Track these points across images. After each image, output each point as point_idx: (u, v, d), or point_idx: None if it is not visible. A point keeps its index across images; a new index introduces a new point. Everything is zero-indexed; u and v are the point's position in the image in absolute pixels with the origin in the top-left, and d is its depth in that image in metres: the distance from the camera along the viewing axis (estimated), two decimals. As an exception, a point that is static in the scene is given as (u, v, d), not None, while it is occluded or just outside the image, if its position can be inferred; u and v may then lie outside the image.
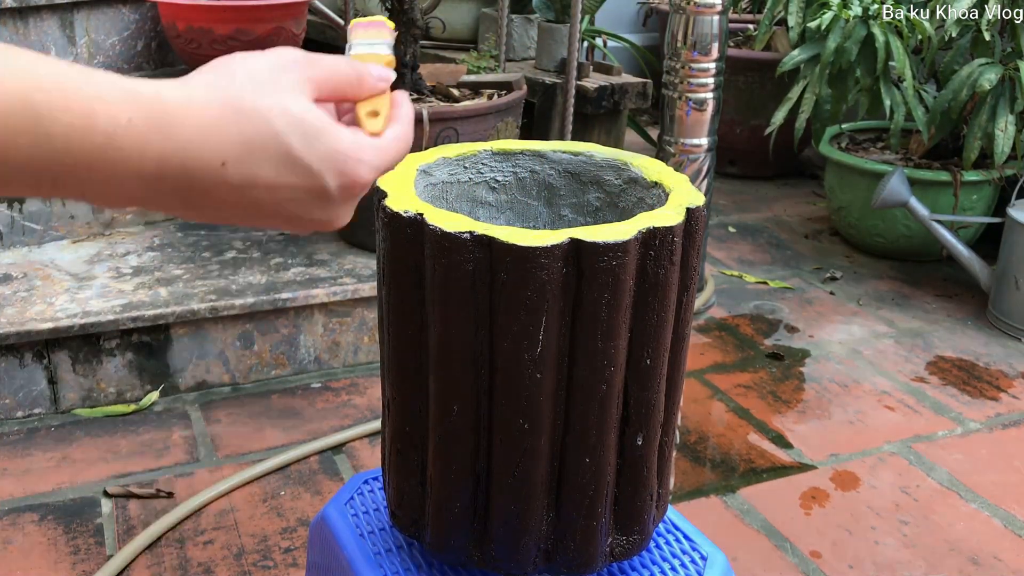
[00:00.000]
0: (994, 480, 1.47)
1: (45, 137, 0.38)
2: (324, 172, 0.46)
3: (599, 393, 0.68)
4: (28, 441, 1.49)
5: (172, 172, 0.42)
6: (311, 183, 0.46)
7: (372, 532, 0.85)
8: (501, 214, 0.85)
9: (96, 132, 0.39)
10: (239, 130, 0.43)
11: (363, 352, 1.75)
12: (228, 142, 0.43)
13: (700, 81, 1.83)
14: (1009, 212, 1.93)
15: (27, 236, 1.80)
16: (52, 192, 0.41)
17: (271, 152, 0.44)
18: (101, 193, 0.42)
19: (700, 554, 0.84)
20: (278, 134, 0.44)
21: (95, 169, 0.40)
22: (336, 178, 0.46)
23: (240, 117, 0.43)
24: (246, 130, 0.43)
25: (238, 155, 0.43)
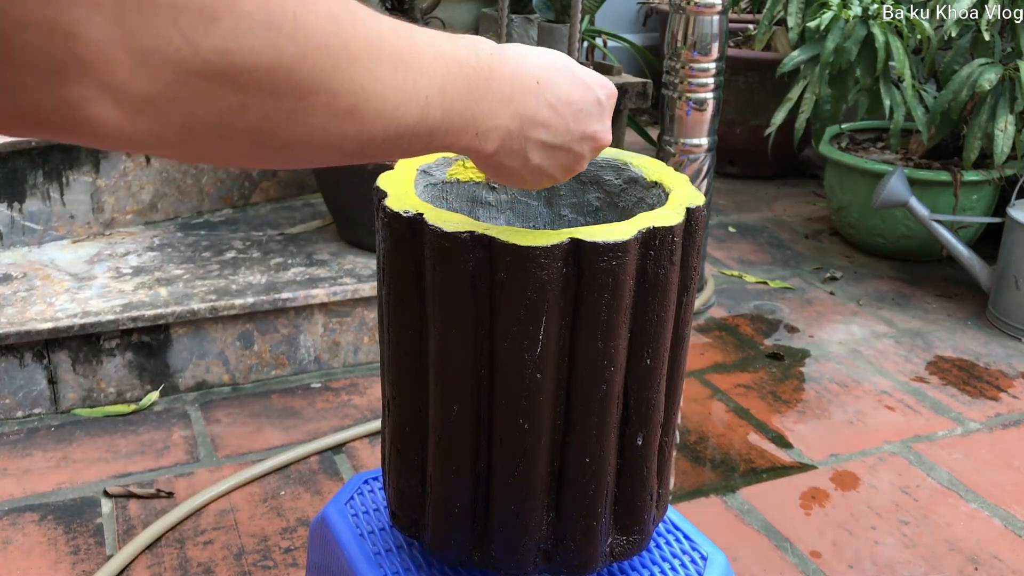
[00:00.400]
0: (994, 480, 1.47)
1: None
2: (595, 86, 0.62)
3: (599, 393, 0.68)
4: (28, 441, 1.49)
5: (515, 91, 0.57)
6: (590, 95, 0.61)
7: (372, 532, 0.85)
8: (501, 214, 0.85)
9: (480, 70, 0.54)
10: (540, 60, 0.59)
11: (363, 352, 1.75)
12: (536, 66, 0.58)
13: (700, 81, 1.83)
14: (1009, 212, 1.93)
15: (27, 236, 1.80)
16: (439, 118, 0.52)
17: (563, 72, 0.60)
18: (487, 111, 0.55)
19: (700, 554, 0.84)
20: (563, 59, 0.61)
21: (489, 96, 0.55)
22: (602, 90, 0.63)
23: (538, 51, 0.60)
24: (544, 59, 0.60)
25: (545, 75, 0.58)
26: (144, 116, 0.36)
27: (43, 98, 0.34)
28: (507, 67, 0.55)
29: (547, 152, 0.60)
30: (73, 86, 0.34)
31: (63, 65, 0.33)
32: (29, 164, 1.76)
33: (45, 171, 1.78)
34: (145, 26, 0.34)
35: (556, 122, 0.59)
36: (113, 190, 1.87)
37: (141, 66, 0.35)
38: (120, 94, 0.35)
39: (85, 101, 0.34)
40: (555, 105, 0.59)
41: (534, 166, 0.60)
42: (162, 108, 0.36)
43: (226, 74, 0.37)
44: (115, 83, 0.34)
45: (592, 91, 0.61)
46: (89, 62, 0.33)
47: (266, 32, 0.38)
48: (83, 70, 0.34)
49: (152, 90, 0.35)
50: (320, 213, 2.02)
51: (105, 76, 0.34)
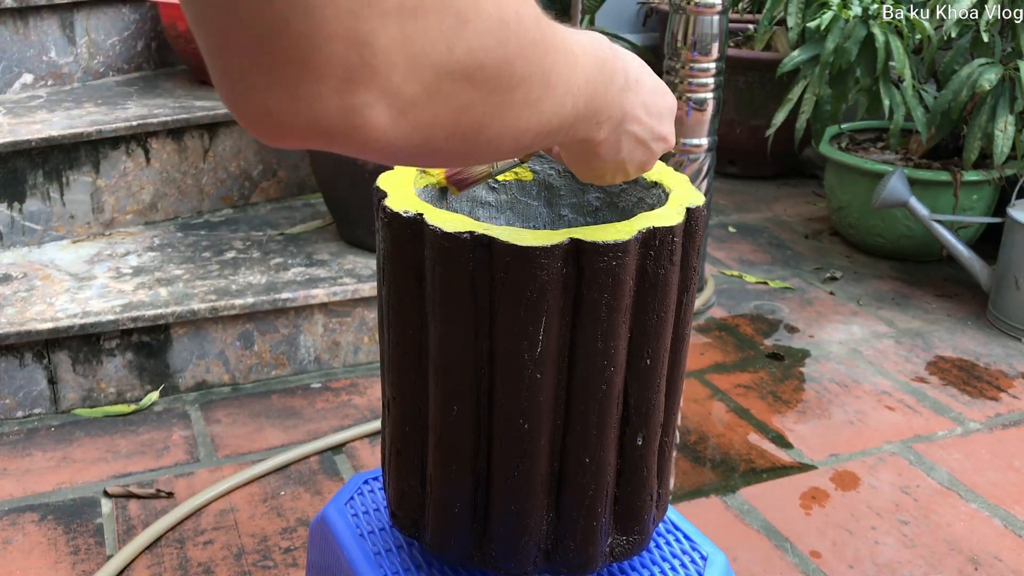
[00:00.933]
0: (994, 480, 1.47)
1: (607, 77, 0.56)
2: (667, 92, 0.66)
3: (599, 393, 0.68)
4: (28, 441, 1.49)
5: (627, 86, 0.60)
6: (667, 100, 0.66)
7: (372, 532, 0.85)
8: (501, 214, 0.85)
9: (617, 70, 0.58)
10: (633, 60, 0.62)
11: (363, 352, 1.75)
12: (634, 65, 0.61)
13: (700, 81, 1.83)
14: (1009, 212, 1.93)
15: (27, 236, 1.80)
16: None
17: (648, 75, 0.64)
18: (609, 102, 0.57)
19: (700, 554, 0.84)
20: (644, 64, 0.64)
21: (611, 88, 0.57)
22: (671, 98, 0.67)
23: (627, 52, 0.62)
24: (634, 60, 0.62)
25: (640, 75, 0.62)
26: (405, 119, 0.38)
27: (332, 106, 0.35)
28: (619, 61, 0.58)
29: (634, 147, 0.63)
30: (359, 93, 0.35)
31: (356, 74, 0.35)
32: (29, 164, 1.76)
33: (45, 171, 1.78)
34: (418, 31, 0.36)
35: (646, 120, 0.63)
36: (113, 190, 1.87)
37: (412, 70, 0.36)
38: (394, 98, 0.36)
39: (367, 107, 0.36)
40: (647, 104, 0.63)
41: (620, 159, 0.63)
42: (419, 110, 0.38)
43: (468, 72, 0.39)
44: (392, 88, 0.36)
45: (667, 97, 0.66)
46: (376, 69, 0.35)
47: (499, 29, 0.39)
48: (370, 77, 0.35)
49: (416, 93, 0.37)
50: (320, 213, 2.02)
51: (386, 81, 0.36)
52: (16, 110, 1.91)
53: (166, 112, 1.91)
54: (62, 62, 2.09)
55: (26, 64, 2.04)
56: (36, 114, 1.88)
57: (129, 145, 1.86)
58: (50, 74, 2.08)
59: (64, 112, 1.89)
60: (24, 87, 2.05)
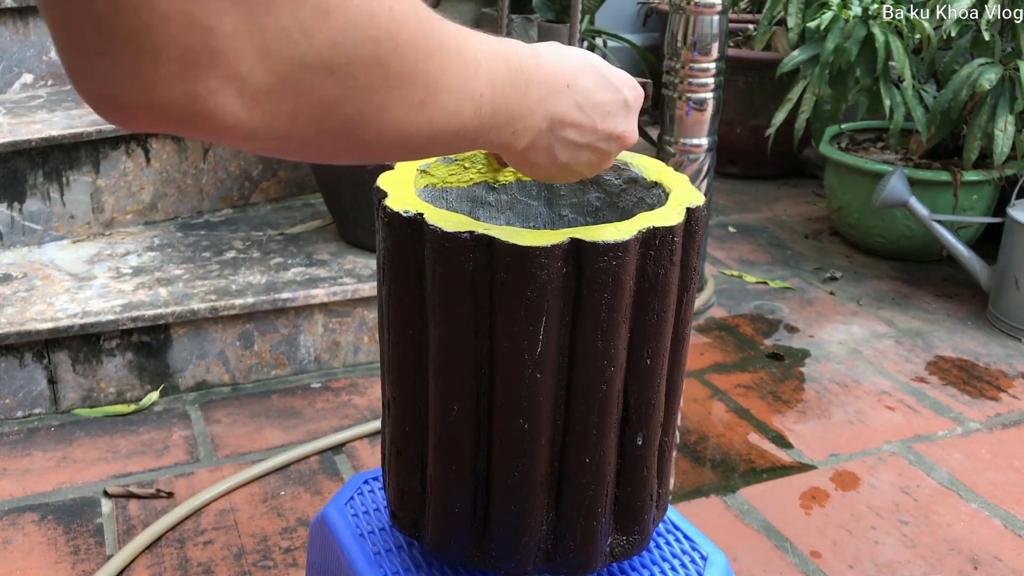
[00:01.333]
0: (994, 480, 1.47)
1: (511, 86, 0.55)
2: (622, 87, 0.64)
3: (599, 393, 0.68)
4: (28, 441, 1.49)
5: (548, 93, 0.59)
6: (619, 96, 0.64)
7: (372, 532, 0.85)
8: (501, 214, 0.85)
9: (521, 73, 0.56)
10: (572, 62, 0.61)
11: (363, 352, 1.75)
12: (568, 68, 0.60)
13: (700, 81, 1.83)
14: (1009, 212, 1.93)
15: (27, 236, 1.80)
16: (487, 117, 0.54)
17: (592, 74, 0.62)
18: (525, 110, 0.57)
19: (700, 554, 0.84)
20: (593, 61, 0.63)
21: (528, 96, 0.57)
22: (630, 91, 0.65)
23: (568, 52, 0.62)
24: (576, 62, 0.62)
25: (575, 77, 0.61)
26: (259, 108, 0.37)
27: (175, 90, 0.35)
28: (543, 69, 0.58)
29: (575, 150, 0.63)
30: (204, 78, 0.35)
31: (198, 57, 0.35)
32: (29, 164, 1.76)
33: (45, 171, 1.78)
34: (270, 20, 0.36)
35: (584, 122, 0.62)
36: (113, 190, 1.87)
37: (263, 58, 0.36)
38: (243, 86, 0.36)
39: (212, 93, 0.36)
40: (583, 106, 0.61)
41: (562, 163, 0.63)
42: (275, 100, 0.38)
43: (332, 66, 0.39)
44: (240, 75, 0.36)
45: (619, 92, 0.64)
46: (220, 54, 0.35)
47: (369, 25, 0.39)
48: (214, 62, 0.35)
49: (269, 82, 0.37)
50: (320, 213, 2.02)
51: (232, 68, 0.36)
52: (16, 110, 1.91)
53: (166, 112, 1.90)
54: (62, 62, 2.09)
55: (26, 64, 2.04)
56: (36, 114, 1.88)
57: (129, 145, 1.86)
58: (50, 74, 2.08)
59: (64, 112, 1.89)
60: (24, 87, 2.05)
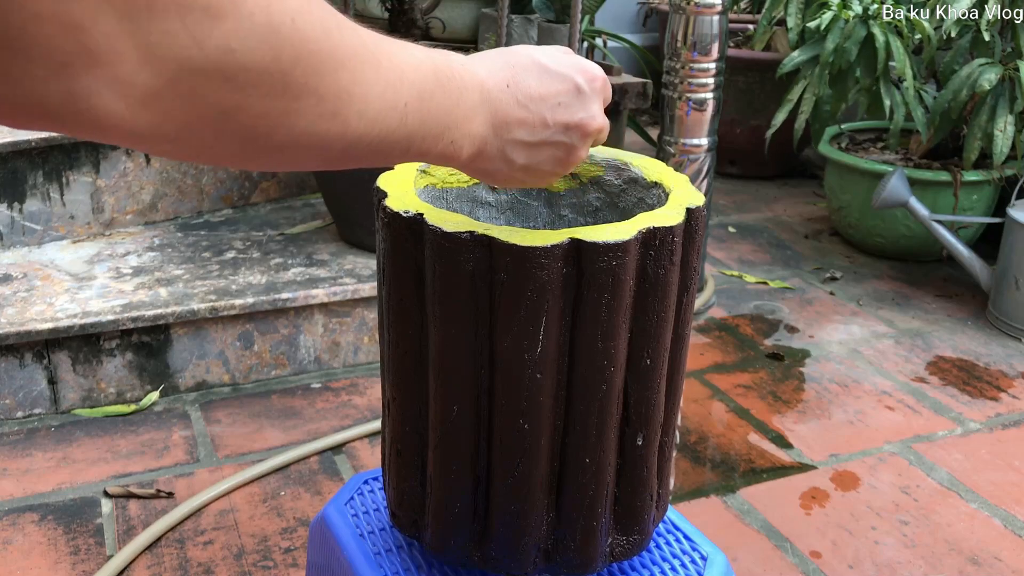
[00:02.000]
0: (994, 480, 1.47)
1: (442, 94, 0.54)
2: (573, 74, 0.61)
3: (599, 393, 0.68)
4: (28, 441, 1.49)
5: (485, 97, 0.58)
6: (567, 85, 0.61)
7: (372, 532, 0.85)
8: (501, 214, 0.85)
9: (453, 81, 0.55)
10: (508, 62, 0.60)
11: (363, 352, 1.75)
12: (505, 69, 0.59)
13: (700, 81, 1.83)
14: (1009, 212, 1.93)
15: (27, 236, 1.80)
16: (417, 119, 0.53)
17: (532, 70, 0.60)
18: (461, 118, 0.55)
19: (700, 554, 0.84)
20: (534, 55, 0.61)
21: (462, 103, 0.55)
22: (582, 75, 0.61)
23: (507, 53, 0.61)
24: (512, 60, 0.60)
25: (514, 76, 0.59)
26: (147, 110, 0.37)
27: (52, 90, 0.35)
28: (477, 76, 0.57)
29: (531, 150, 0.60)
30: (81, 78, 0.35)
31: (73, 57, 0.34)
32: (29, 164, 1.76)
33: (45, 171, 1.78)
34: (153, 22, 0.35)
35: (531, 119, 0.59)
36: (113, 190, 1.87)
37: (147, 61, 0.36)
38: (125, 87, 0.36)
39: (92, 93, 0.35)
40: (525, 103, 0.59)
41: (522, 166, 0.61)
42: (165, 103, 0.37)
43: (227, 72, 0.38)
44: (121, 76, 0.35)
45: (567, 81, 0.61)
46: (97, 55, 0.34)
47: (267, 34, 0.39)
48: (91, 63, 0.34)
49: (156, 85, 0.36)
50: (320, 213, 2.02)
51: (112, 69, 0.35)
52: (16, 110, 1.90)
53: (166, 112, 1.90)
54: (62, 62, 2.09)
55: (26, 64, 2.04)
56: (36, 114, 1.88)
57: (129, 145, 1.86)
58: (50, 74, 2.08)
59: (64, 112, 1.89)
60: (24, 87, 2.05)
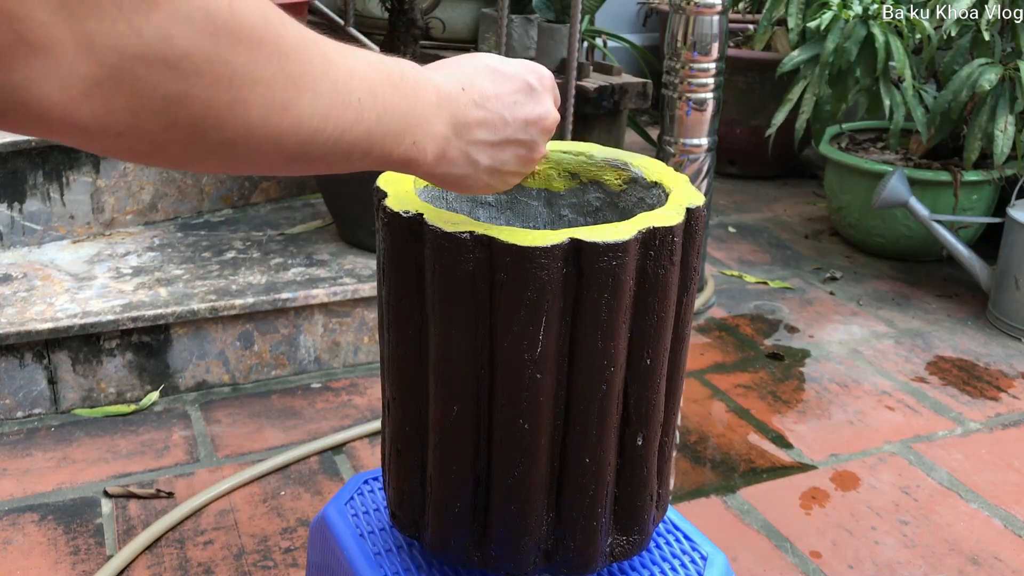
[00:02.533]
0: (994, 480, 1.47)
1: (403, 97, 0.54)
2: (523, 73, 0.64)
3: (599, 393, 0.68)
4: (28, 441, 1.49)
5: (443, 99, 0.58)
6: (518, 85, 0.63)
7: (372, 532, 0.85)
8: (501, 214, 0.85)
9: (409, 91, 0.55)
10: (460, 68, 0.61)
11: (363, 352, 1.75)
12: (458, 74, 0.60)
13: (700, 81, 1.83)
14: (1009, 212, 1.93)
15: (27, 236, 1.80)
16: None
17: (484, 72, 0.62)
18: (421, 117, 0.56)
19: (700, 554, 0.84)
20: (484, 60, 0.63)
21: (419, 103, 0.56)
22: (532, 74, 0.64)
23: (456, 60, 0.63)
24: (463, 66, 0.62)
25: (468, 79, 0.60)
26: (90, 101, 0.37)
27: None
28: (431, 80, 0.57)
29: (494, 150, 0.62)
30: (20, 69, 0.34)
31: (8, 48, 0.33)
32: (29, 164, 1.76)
33: (45, 171, 1.78)
34: (89, 9, 0.35)
35: (490, 118, 0.61)
36: (113, 190, 1.87)
37: (86, 49, 0.35)
38: (66, 77, 0.35)
39: (32, 83, 0.35)
40: (482, 103, 0.60)
41: (487, 167, 0.62)
42: (107, 93, 0.37)
43: (167, 60, 0.38)
44: (61, 66, 0.35)
45: (518, 80, 0.63)
46: (35, 44, 0.34)
47: (203, 20, 0.39)
48: (29, 52, 0.34)
49: (97, 74, 0.36)
50: (320, 213, 2.02)
51: (51, 59, 0.34)
52: (16, 110, 1.90)
53: (166, 112, 1.90)
54: (62, 62, 2.09)
55: (26, 64, 2.04)
56: (36, 114, 1.88)
57: (129, 145, 1.86)
58: (50, 74, 2.08)
59: (64, 112, 1.89)
60: (24, 87, 2.05)
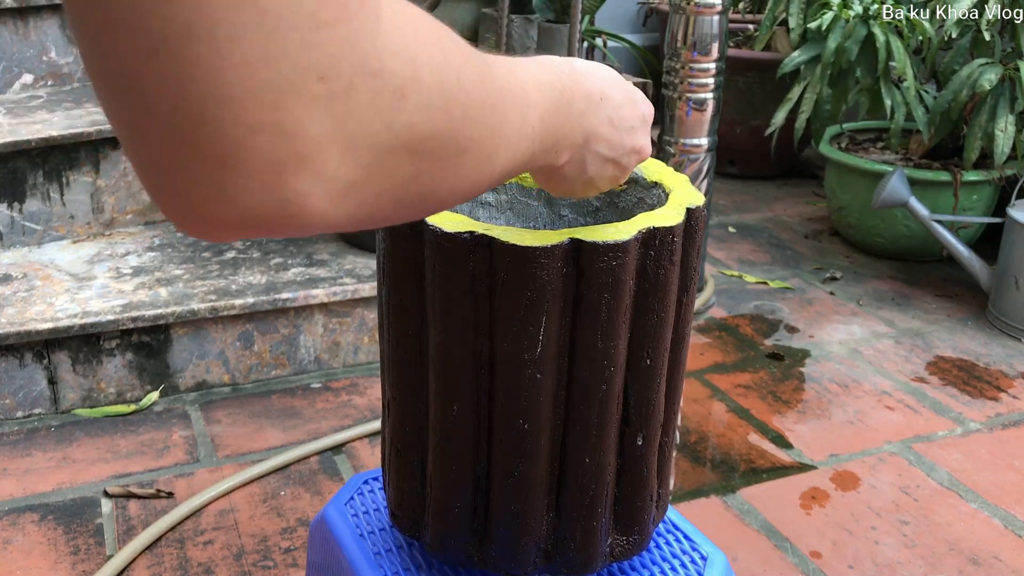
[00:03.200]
0: (994, 480, 1.47)
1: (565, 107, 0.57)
2: (640, 102, 0.66)
3: (599, 393, 0.68)
4: (28, 441, 1.49)
5: (586, 108, 0.60)
6: (637, 111, 0.65)
7: (372, 532, 0.85)
8: (501, 214, 0.85)
9: (567, 97, 0.57)
10: (600, 75, 0.63)
11: (363, 352, 1.75)
12: (598, 82, 0.61)
13: (700, 81, 1.83)
14: (1009, 212, 1.93)
15: (27, 236, 1.80)
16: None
17: (618, 88, 0.64)
18: (568, 131, 0.58)
19: (700, 554, 0.84)
20: (615, 75, 0.65)
21: (571, 116, 0.57)
22: (646, 107, 0.67)
23: (597, 67, 0.63)
24: (602, 74, 0.63)
25: (606, 91, 0.62)
26: (347, 202, 0.37)
27: (263, 199, 0.34)
28: (581, 85, 0.58)
29: (602, 164, 0.63)
30: (292, 184, 0.34)
31: (284, 165, 0.33)
32: (29, 164, 1.76)
33: (45, 171, 1.78)
34: (350, 113, 0.35)
35: (613, 137, 0.62)
36: (113, 190, 1.87)
37: (348, 153, 0.35)
38: (331, 184, 0.35)
39: (301, 196, 0.35)
40: (613, 120, 0.62)
41: (588, 178, 0.63)
42: (360, 190, 0.37)
43: (410, 146, 0.38)
44: (327, 174, 0.35)
45: (639, 107, 0.65)
46: (307, 157, 0.34)
47: (441, 100, 0.39)
48: (301, 166, 0.34)
49: (355, 175, 0.36)
50: (320, 213, 2.01)
51: (319, 168, 0.34)
52: (16, 110, 1.91)
53: (166, 112, 1.90)
54: (62, 62, 2.09)
55: (26, 64, 2.04)
56: (36, 114, 1.88)
57: (129, 145, 1.86)
58: (50, 74, 2.08)
59: (64, 112, 1.89)
60: (24, 87, 2.05)
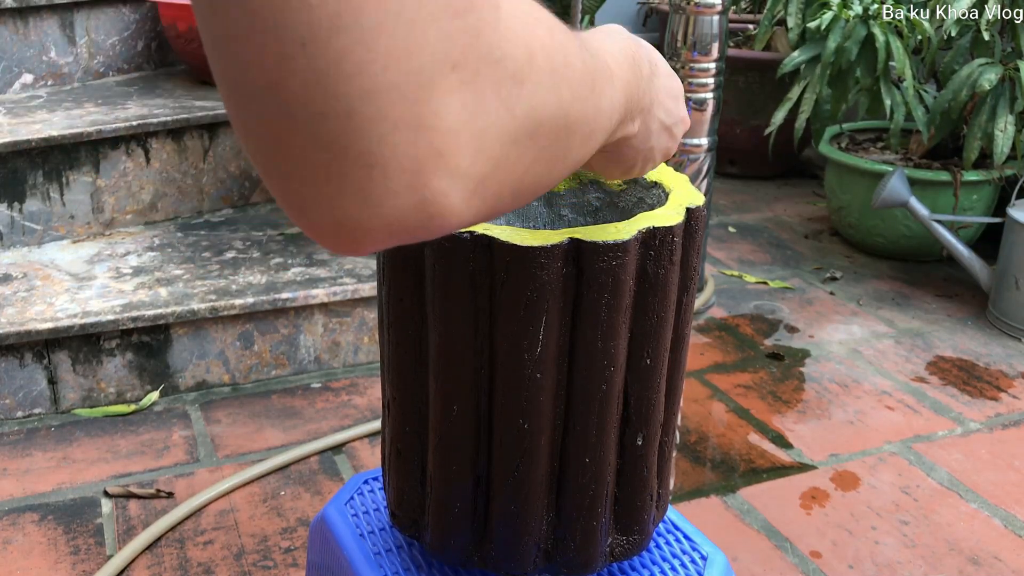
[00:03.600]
0: (994, 480, 1.47)
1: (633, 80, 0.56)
2: (675, 75, 0.65)
3: (599, 393, 0.68)
4: (28, 441, 1.49)
5: (651, 74, 0.60)
6: (679, 85, 0.65)
7: (372, 532, 0.85)
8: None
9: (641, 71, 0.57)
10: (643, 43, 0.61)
11: (363, 352, 1.75)
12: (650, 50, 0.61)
13: (700, 81, 1.83)
14: (1009, 212, 1.92)
15: (27, 236, 1.80)
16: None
17: (663, 61, 0.63)
18: (640, 98, 0.57)
19: (700, 554, 0.84)
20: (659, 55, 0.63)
21: (641, 83, 0.57)
22: (678, 80, 0.65)
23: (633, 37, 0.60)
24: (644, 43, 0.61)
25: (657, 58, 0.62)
26: (475, 197, 0.35)
27: (405, 202, 0.33)
28: (642, 50, 0.58)
29: (660, 133, 0.62)
30: (432, 182, 0.33)
31: (424, 163, 0.32)
32: (29, 164, 1.76)
33: (45, 171, 1.78)
34: (478, 103, 0.33)
35: (669, 103, 0.62)
36: (113, 190, 1.87)
37: (479, 146, 0.34)
38: (464, 181, 0.34)
39: (440, 196, 0.33)
40: (668, 87, 0.62)
41: (649, 146, 0.62)
42: (488, 185, 0.36)
43: (530, 132, 0.37)
44: (462, 170, 0.34)
45: (678, 81, 0.66)
46: (443, 153, 0.33)
47: (553, 82, 0.38)
48: (440, 162, 0.33)
49: (485, 170, 0.35)
50: (320, 213, 2.01)
51: (455, 164, 0.33)
52: (16, 110, 1.91)
53: (166, 112, 1.91)
54: (62, 62, 2.09)
55: (26, 64, 2.04)
56: (36, 114, 1.88)
57: (129, 145, 1.86)
58: (50, 74, 2.08)
59: (64, 112, 1.89)
60: (24, 87, 2.05)
